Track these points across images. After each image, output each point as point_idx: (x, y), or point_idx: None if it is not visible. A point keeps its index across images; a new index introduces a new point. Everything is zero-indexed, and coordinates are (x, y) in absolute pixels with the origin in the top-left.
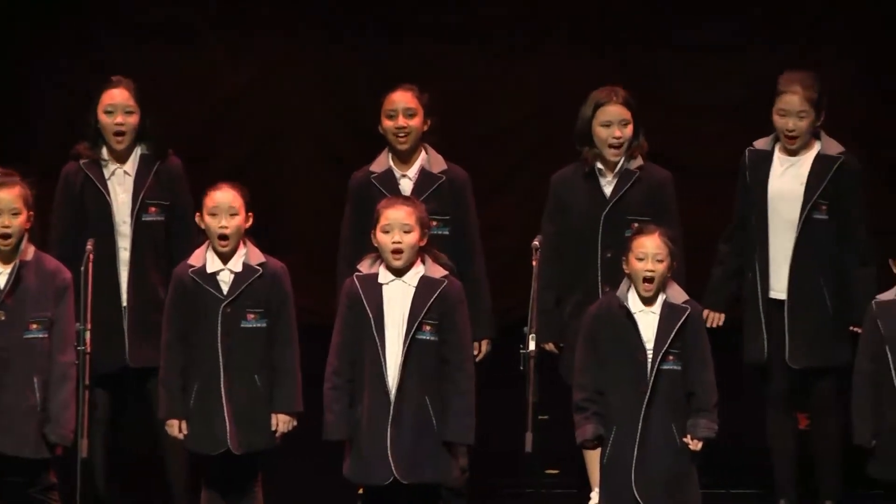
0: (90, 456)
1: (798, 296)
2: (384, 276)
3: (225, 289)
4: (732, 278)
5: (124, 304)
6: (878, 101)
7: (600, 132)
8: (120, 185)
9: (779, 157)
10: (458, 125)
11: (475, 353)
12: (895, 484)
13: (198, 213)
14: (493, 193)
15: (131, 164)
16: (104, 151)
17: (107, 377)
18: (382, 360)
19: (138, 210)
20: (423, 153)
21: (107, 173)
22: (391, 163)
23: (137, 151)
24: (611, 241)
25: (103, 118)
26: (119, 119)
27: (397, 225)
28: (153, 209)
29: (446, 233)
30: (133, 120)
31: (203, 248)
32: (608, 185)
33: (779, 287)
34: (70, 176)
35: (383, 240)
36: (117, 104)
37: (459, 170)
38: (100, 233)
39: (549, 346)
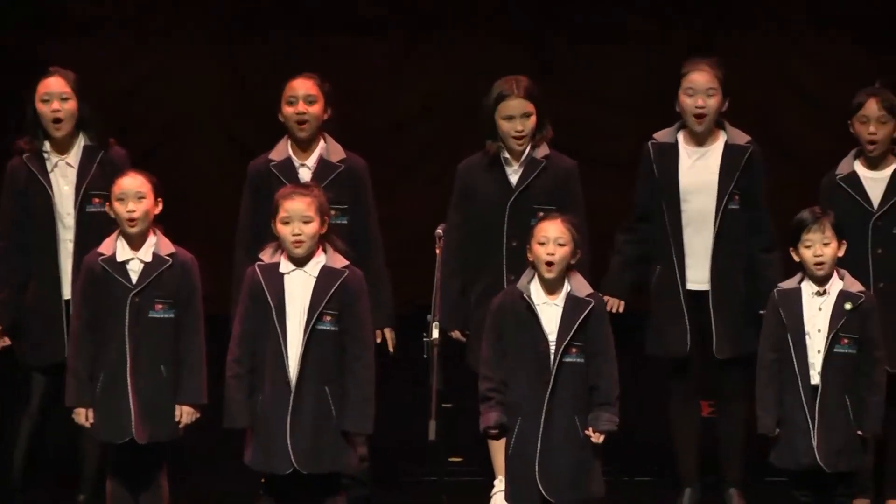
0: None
1: (720, 287)
2: (285, 265)
3: (134, 278)
4: (632, 267)
5: (66, 296)
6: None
7: (503, 125)
8: (63, 177)
9: (685, 149)
10: (361, 115)
11: (377, 341)
12: (797, 472)
13: (107, 203)
14: (396, 182)
15: (74, 156)
16: (46, 144)
17: (47, 368)
18: (283, 349)
19: (81, 201)
20: (322, 142)
21: (49, 166)
22: (290, 151)
23: (80, 142)
24: (516, 230)
25: (40, 107)
26: (55, 106)
27: (297, 216)
28: (97, 200)
29: (344, 222)
30: (70, 107)
31: (113, 236)
32: (514, 174)
33: (696, 278)
34: (14, 171)
35: (283, 231)
36: (53, 92)
37: (358, 159)
38: (43, 225)
39: (456, 335)
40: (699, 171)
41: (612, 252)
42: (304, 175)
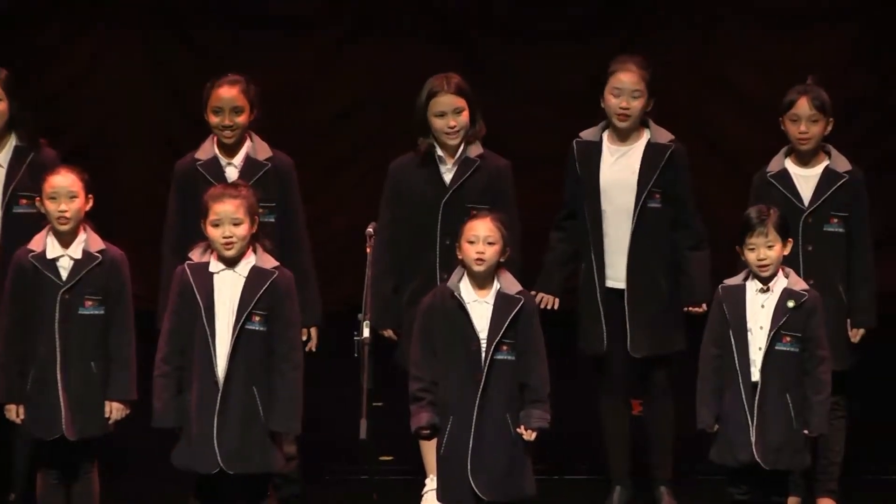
0: None
1: (636, 285)
2: (215, 265)
3: (64, 275)
4: (565, 264)
5: None
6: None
7: (435, 122)
8: None
9: (608, 147)
10: (290, 113)
11: (305, 339)
12: (736, 468)
13: (38, 198)
14: (326, 180)
15: (4, 156)
16: None
17: None
18: (212, 349)
19: (8, 202)
20: (248, 141)
21: None
22: (216, 150)
23: (11, 142)
24: (450, 229)
25: None
26: None
27: (227, 219)
28: (24, 201)
29: (272, 220)
30: (0, 107)
31: (43, 232)
32: (448, 173)
33: (616, 276)
34: None
35: (214, 233)
36: None
37: (285, 157)
38: None
39: (388, 333)
40: (620, 168)
41: (546, 249)
42: (231, 174)
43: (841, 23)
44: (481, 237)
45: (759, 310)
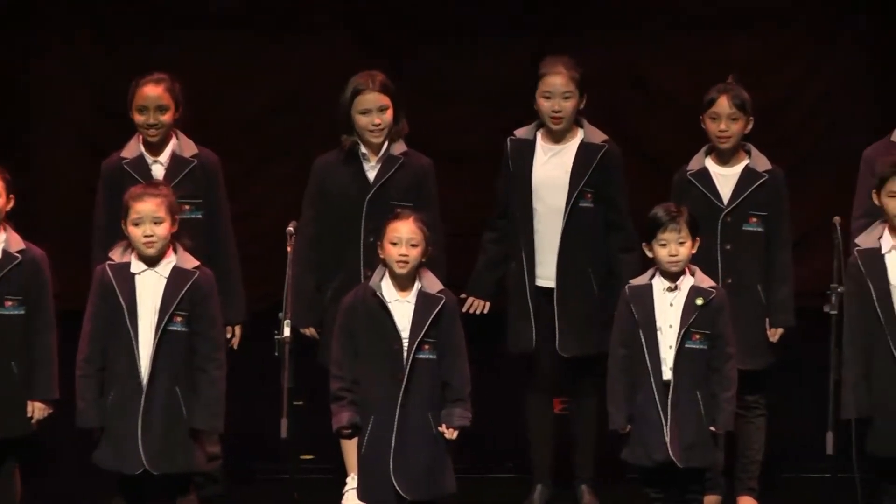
0: None
1: (566, 284)
2: (136, 265)
3: None
4: (496, 267)
5: None
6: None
7: (359, 119)
8: None
9: (542, 146)
10: (215, 110)
11: (229, 337)
12: (649, 468)
13: None
14: (249, 178)
15: None
16: None
17: None
18: (134, 349)
19: None
20: (174, 138)
21: None
22: (142, 148)
23: None
24: (374, 226)
25: None
26: None
27: (148, 218)
28: None
29: (199, 216)
30: None
31: None
32: (372, 170)
33: (546, 275)
34: None
35: (134, 232)
36: None
37: (211, 153)
38: None
39: (310, 332)
40: (552, 168)
41: (468, 249)
42: (157, 171)
43: (762, 22)
44: (404, 239)
45: (668, 308)
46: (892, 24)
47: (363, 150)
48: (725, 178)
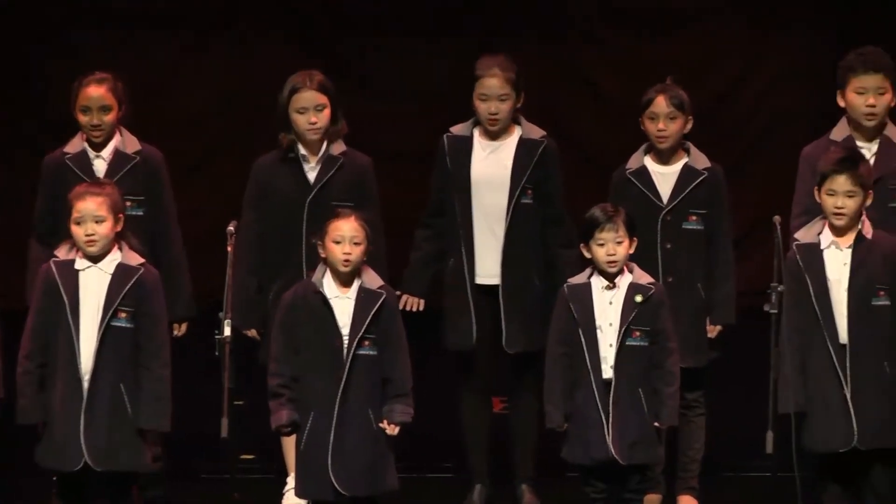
0: None
1: (511, 281)
2: (80, 262)
3: None
4: (430, 264)
5: None
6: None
7: (297, 118)
8: None
9: (480, 143)
10: (155, 107)
11: (176, 333)
12: (589, 467)
13: None
14: (190, 176)
15: None
16: None
17: None
18: (76, 345)
19: None
20: (117, 135)
21: None
22: (85, 144)
23: None
24: (315, 227)
25: None
26: None
27: (90, 216)
28: None
29: (141, 213)
30: None
31: None
32: (312, 171)
33: (486, 272)
34: None
35: (77, 231)
36: None
37: (154, 150)
38: None
39: (252, 333)
40: (491, 164)
41: (409, 247)
42: (100, 167)
43: (700, 20)
44: (347, 237)
45: (608, 307)
46: (830, 22)
47: (302, 151)
48: (664, 177)
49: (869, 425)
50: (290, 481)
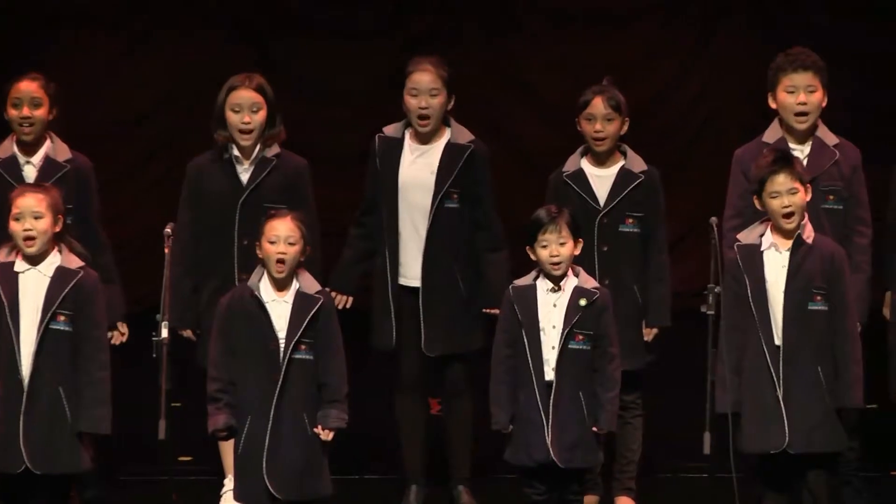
0: None
1: (431, 284)
2: (20, 265)
3: None
4: (361, 262)
5: None
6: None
7: (231, 117)
8: None
9: (410, 145)
10: (89, 112)
11: (120, 334)
12: (532, 468)
13: None
14: (125, 180)
15: None
16: None
17: None
18: (16, 347)
19: None
20: (48, 141)
21: None
22: (15, 149)
23: None
24: (247, 229)
25: None
26: None
27: (28, 213)
28: None
29: (69, 222)
30: None
31: None
32: (245, 173)
33: (409, 274)
34: None
35: (15, 228)
36: None
37: (84, 159)
38: None
39: (187, 334)
40: (419, 167)
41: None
42: (29, 173)
43: (637, 22)
44: (282, 237)
45: (552, 309)
46: (766, 23)
47: (236, 152)
48: (601, 180)
49: (800, 429)
50: (228, 483)
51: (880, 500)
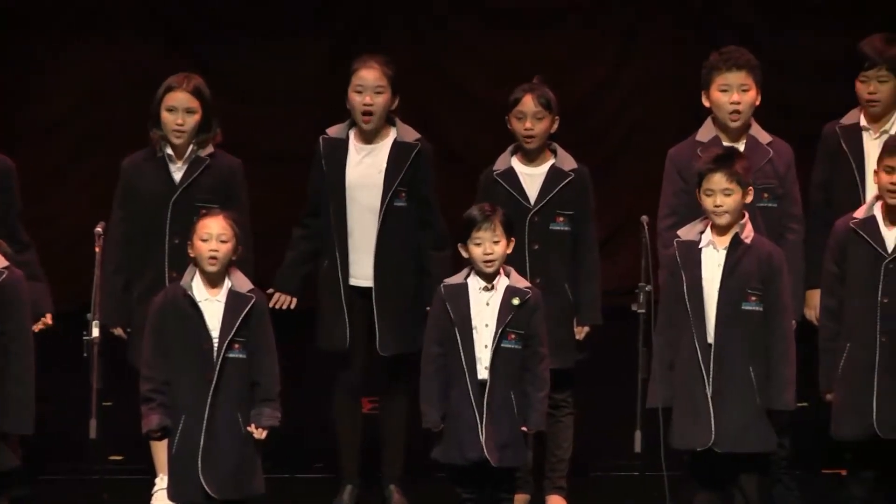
0: None
1: (384, 284)
2: None
3: None
4: (304, 263)
5: None
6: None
7: (165, 116)
8: None
9: (355, 145)
10: (18, 111)
11: (43, 324)
12: (463, 467)
13: None
14: (52, 181)
15: None
16: None
17: None
18: None
19: None
20: None
21: None
22: None
23: None
24: (178, 228)
25: None
26: None
27: None
28: None
29: None
30: None
31: None
32: (178, 172)
33: (360, 274)
34: None
35: None
36: None
37: (5, 159)
38: None
39: (118, 331)
40: (366, 167)
41: (283, 247)
42: None
43: (568, 21)
44: (214, 235)
45: (484, 308)
46: (696, 22)
47: (169, 151)
48: (532, 178)
49: (727, 428)
50: (159, 482)
51: (811, 498)
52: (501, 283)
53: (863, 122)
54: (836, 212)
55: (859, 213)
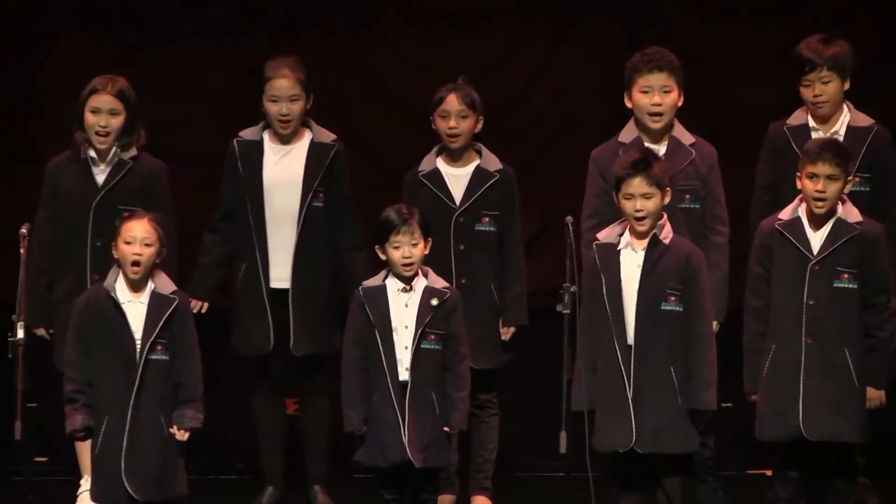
0: None
1: (301, 284)
2: None
3: None
4: (219, 268)
5: None
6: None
7: (88, 118)
8: None
9: (271, 147)
10: None
11: None
12: (386, 469)
13: None
14: None
15: None
16: None
17: None
18: None
19: None
20: None
21: None
22: None
23: None
24: (100, 230)
25: None
26: None
27: None
28: None
29: None
30: None
31: None
32: (101, 174)
33: (279, 276)
34: None
35: None
36: None
37: None
38: None
39: (41, 332)
40: (283, 168)
41: (199, 248)
42: None
43: (493, 20)
44: (138, 238)
45: (404, 309)
46: (622, 22)
47: (92, 153)
48: (457, 179)
49: (647, 429)
50: (84, 483)
51: (735, 498)
52: (420, 283)
53: (811, 122)
54: None
55: (784, 215)
